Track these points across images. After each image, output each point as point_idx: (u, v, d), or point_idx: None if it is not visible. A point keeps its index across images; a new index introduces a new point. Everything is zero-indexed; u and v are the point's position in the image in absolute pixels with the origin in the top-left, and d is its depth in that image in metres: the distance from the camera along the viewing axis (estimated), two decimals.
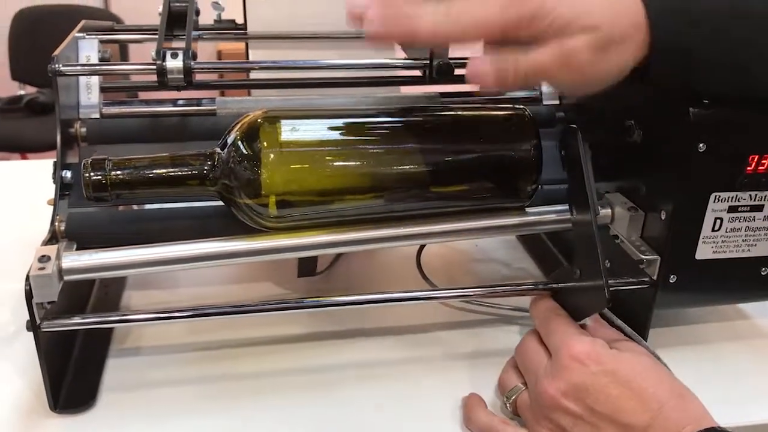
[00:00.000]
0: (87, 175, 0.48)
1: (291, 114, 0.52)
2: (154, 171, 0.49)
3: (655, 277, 0.55)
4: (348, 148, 0.52)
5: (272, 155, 0.49)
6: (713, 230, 0.53)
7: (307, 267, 0.66)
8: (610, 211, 0.57)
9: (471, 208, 0.55)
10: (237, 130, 0.50)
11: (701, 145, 0.50)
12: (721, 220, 0.53)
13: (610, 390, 0.45)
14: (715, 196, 0.52)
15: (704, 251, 0.54)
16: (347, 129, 0.52)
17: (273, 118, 0.50)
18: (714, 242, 0.54)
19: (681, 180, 0.52)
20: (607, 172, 0.59)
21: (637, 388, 0.45)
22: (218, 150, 0.50)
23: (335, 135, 0.52)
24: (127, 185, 0.48)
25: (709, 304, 0.63)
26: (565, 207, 0.56)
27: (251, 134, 0.50)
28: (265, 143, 0.49)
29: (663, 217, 0.53)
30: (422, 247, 0.69)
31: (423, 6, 0.44)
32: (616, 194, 0.58)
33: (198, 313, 0.53)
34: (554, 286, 0.56)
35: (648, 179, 0.55)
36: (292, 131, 0.50)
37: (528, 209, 0.56)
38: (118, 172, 0.48)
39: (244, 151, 0.49)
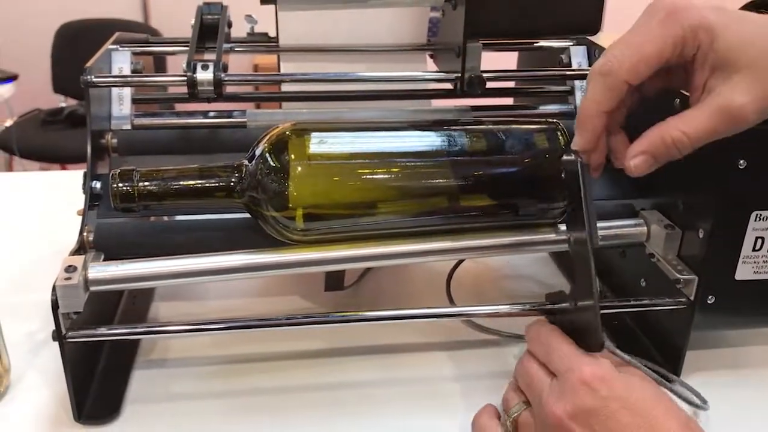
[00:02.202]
0: (115, 185, 0.48)
1: (319, 127, 0.51)
2: (182, 182, 0.49)
3: (692, 298, 0.53)
4: (376, 162, 0.51)
5: (300, 168, 0.49)
6: (754, 250, 0.52)
7: (334, 281, 0.65)
8: (645, 228, 0.56)
9: (501, 224, 0.54)
10: (265, 142, 0.49)
11: (742, 161, 0.48)
12: (763, 239, 0.51)
13: (620, 416, 0.42)
14: (757, 214, 0.50)
15: (744, 271, 0.52)
16: (376, 142, 0.52)
17: (301, 131, 0.50)
18: (755, 262, 0.52)
19: (720, 198, 0.50)
20: (643, 188, 0.58)
21: (648, 416, 0.42)
22: (246, 162, 0.49)
23: (364, 148, 0.51)
24: (155, 196, 0.48)
25: (749, 326, 0.60)
26: (599, 224, 0.55)
27: (279, 146, 0.49)
28: (292, 156, 0.49)
29: (701, 236, 0.51)
30: (459, 263, 0.67)
31: None
32: (653, 211, 0.56)
33: (224, 326, 0.52)
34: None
35: (686, 196, 0.53)
36: (320, 144, 0.50)
37: (561, 226, 0.55)
38: (146, 183, 0.48)
39: (272, 163, 0.49)
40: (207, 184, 0.49)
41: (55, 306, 0.46)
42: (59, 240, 0.66)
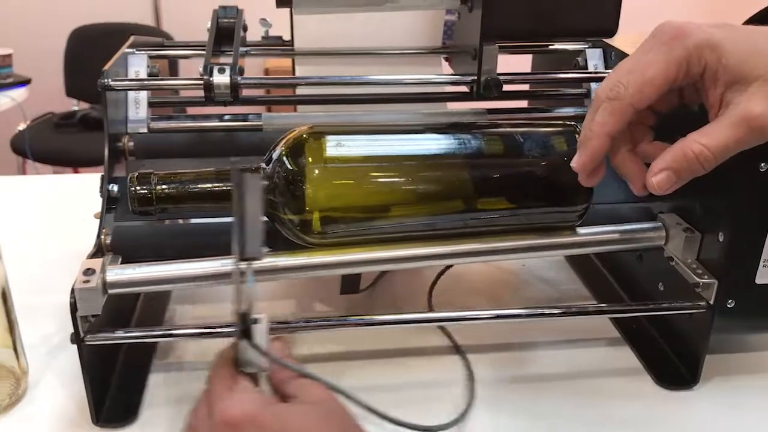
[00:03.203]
0: (133, 188, 0.48)
1: (336, 130, 0.51)
2: (199, 185, 0.49)
3: (712, 302, 0.52)
4: (393, 165, 0.51)
5: (317, 171, 0.49)
6: None
7: (349, 284, 0.65)
8: (664, 232, 0.55)
9: (518, 227, 0.53)
10: (282, 146, 0.49)
11: (763, 165, 0.48)
12: None
13: None
14: None
15: (765, 275, 0.52)
16: (392, 145, 0.52)
17: (318, 134, 0.50)
18: None
19: (741, 201, 0.49)
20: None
21: None
22: (263, 165, 0.49)
23: (380, 151, 0.51)
24: (172, 199, 0.48)
25: None
26: (617, 228, 0.55)
27: (296, 149, 0.49)
28: (309, 159, 0.49)
29: (721, 239, 0.51)
30: (447, 268, 0.66)
31: None
32: (671, 215, 0.56)
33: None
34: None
35: (705, 200, 0.53)
36: (337, 147, 0.50)
37: (578, 229, 0.54)
38: (164, 186, 0.48)
39: (289, 166, 0.49)
40: (224, 187, 0.49)
41: (73, 309, 0.46)
42: (74, 243, 0.66)
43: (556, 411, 0.53)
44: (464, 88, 0.61)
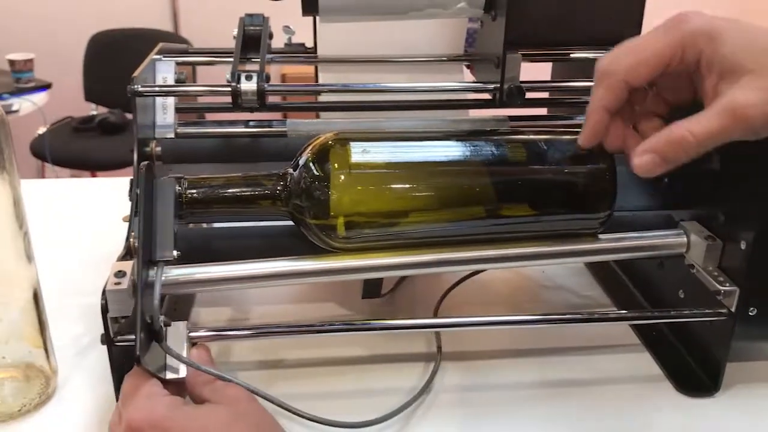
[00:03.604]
0: None
1: (362, 136, 0.52)
2: (228, 190, 0.50)
3: (733, 309, 0.53)
4: (417, 171, 0.51)
5: (342, 177, 0.49)
6: None
7: (371, 288, 0.66)
8: (685, 239, 0.55)
9: (541, 233, 0.54)
10: (309, 152, 0.50)
11: None
12: None
13: None
14: None
15: None
16: (417, 151, 0.52)
17: (344, 140, 0.51)
18: None
19: (764, 209, 0.50)
20: (683, 199, 0.58)
21: None
22: (290, 170, 0.50)
23: (405, 157, 0.52)
24: (202, 203, 0.49)
25: None
26: (638, 235, 0.55)
27: (322, 155, 0.50)
28: (335, 164, 0.49)
29: (743, 247, 0.51)
30: (474, 273, 0.67)
31: None
32: (693, 222, 0.56)
33: (261, 332, 0.53)
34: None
35: (727, 207, 0.53)
36: (362, 153, 0.50)
37: (600, 236, 0.55)
38: (193, 191, 0.49)
39: (315, 172, 0.49)
40: (253, 192, 0.50)
41: (104, 310, 0.47)
42: (100, 246, 0.68)
43: (576, 417, 0.54)
44: (487, 96, 0.62)
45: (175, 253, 0.49)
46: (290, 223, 0.52)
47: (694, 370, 0.57)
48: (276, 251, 0.53)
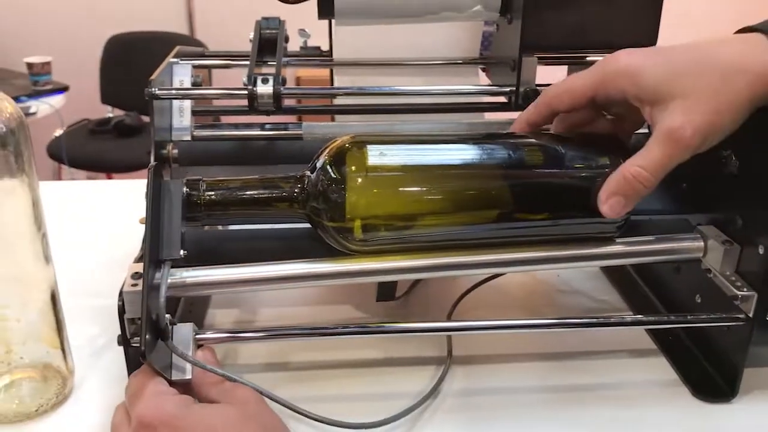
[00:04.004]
0: (182, 195, 0.49)
1: (379, 139, 0.52)
2: (246, 192, 0.50)
3: (751, 314, 0.52)
4: (434, 174, 0.51)
5: (359, 179, 0.49)
6: None
7: (385, 291, 0.66)
8: (702, 243, 0.55)
9: (558, 237, 0.54)
10: (326, 154, 0.51)
11: None
12: None
13: None
14: None
15: None
16: (434, 154, 0.52)
17: (361, 143, 0.51)
18: None
19: None
20: (700, 204, 0.57)
21: None
22: (308, 173, 0.50)
23: (422, 160, 0.52)
24: (220, 205, 0.50)
25: None
26: (655, 238, 0.55)
27: (339, 158, 0.50)
28: (352, 167, 0.50)
29: (761, 252, 0.51)
30: (493, 276, 0.67)
31: None
32: (710, 227, 0.56)
33: (270, 334, 0.53)
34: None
35: (745, 212, 0.53)
36: (379, 156, 0.50)
37: (616, 240, 0.54)
38: (211, 193, 0.49)
39: (332, 174, 0.50)
40: (270, 195, 0.50)
41: (121, 311, 0.48)
42: (117, 248, 0.68)
43: (591, 421, 0.53)
44: (503, 99, 0.62)
45: (182, 252, 0.49)
46: (306, 225, 0.53)
47: (711, 376, 0.57)
48: (292, 254, 0.53)
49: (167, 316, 0.47)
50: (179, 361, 0.47)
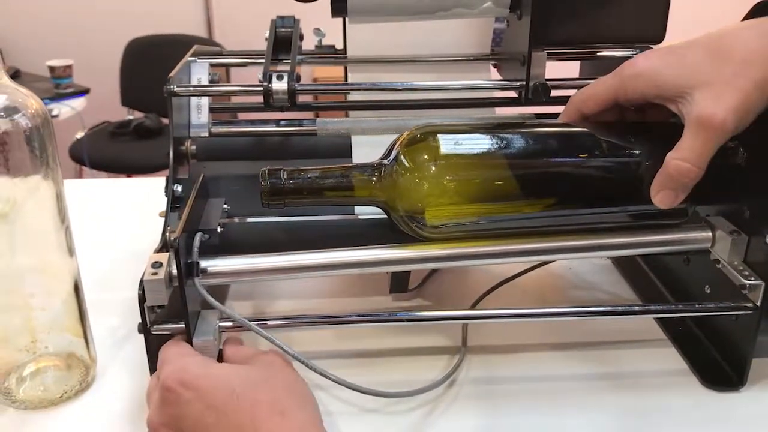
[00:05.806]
0: (264, 183, 0.51)
1: (451, 128, 0.54)
2: (327, 180, 0.52)
3: (758, 303, 0.53)
4: (506, 162, 0.53)
5: (432, 168, 0.51)
6: None
7: (399, 283, 0.67)
8: (710, 234, 0.56)
9: (621, 224, 0.56)
10: (399, 144, 0.52)
11: None
12: None
13: (206, 417, 0.43)
14: None
15: None
16: (506, 143, 0.53)
17: (434, 133, 0.53)
18: None
19: None
20: (708, 195, 0.58)
21: (227, 411, 0.43)
22: (384, 162, 0.52)
23: (494, 148, 0.53)
24: (299, 192, 0.52)
25: None
26: (664, 230, 0.55)
27: (413, 147, 0.52)
28: (425, 156, 0.51)
29: None
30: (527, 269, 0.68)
31: None
32: (718, 217, 0.56)
33: (287, 323, 0.55)
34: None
35: (752, 202, 0.54)
36: (452, 145, 0.52)
37: (627, 231, 0.55)
38: (291, 181, 0.51)
39: (406, 163, 0.51)
40: (349, 183, 0.52)
41: (141, 300, 0.49)
42: (136, 243, 0.70)
43: (600, 411, 0.54)
44: (513, 94, 0.63)
45: (219, 228, 0.53)
46: (351, 216, 0.55)
47: (720, 365, 0.58)
48: (301, 243, 0.54)
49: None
50: (202, 326, 0.50)
